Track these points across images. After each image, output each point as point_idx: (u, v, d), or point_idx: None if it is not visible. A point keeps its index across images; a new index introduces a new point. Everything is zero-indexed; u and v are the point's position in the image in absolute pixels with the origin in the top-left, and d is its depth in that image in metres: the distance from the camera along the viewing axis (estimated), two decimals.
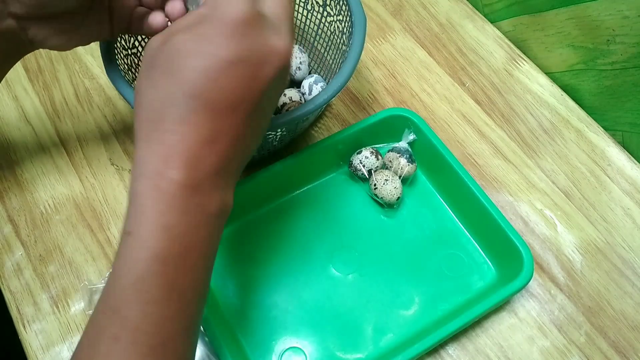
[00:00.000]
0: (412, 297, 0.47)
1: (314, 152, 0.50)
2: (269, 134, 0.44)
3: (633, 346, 0.47)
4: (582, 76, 0.58)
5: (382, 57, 0.62)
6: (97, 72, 0.60)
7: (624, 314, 0.48)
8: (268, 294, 0.47)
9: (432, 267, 0.49)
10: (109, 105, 0.57)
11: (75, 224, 0.51)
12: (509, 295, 0.44)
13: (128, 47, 0.50)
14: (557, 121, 0.57)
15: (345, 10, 0.49)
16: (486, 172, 0.54)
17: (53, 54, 0.60)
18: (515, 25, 0.62)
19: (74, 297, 0.47)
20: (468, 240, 0.50)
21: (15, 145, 0.55)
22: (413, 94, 0.59)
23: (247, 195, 0.48)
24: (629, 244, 0.51)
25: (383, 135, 0.52)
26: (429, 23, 0.64)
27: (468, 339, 0.46)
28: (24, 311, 0.47)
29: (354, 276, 0.48)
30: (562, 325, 0.47)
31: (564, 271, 0.50)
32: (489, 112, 0.58)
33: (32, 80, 0.59)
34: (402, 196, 0.50)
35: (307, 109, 0.42)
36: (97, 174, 0.54)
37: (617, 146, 0.56)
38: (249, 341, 0.45)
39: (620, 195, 0.53)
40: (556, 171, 0.55)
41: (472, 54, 0.62)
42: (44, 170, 0.54)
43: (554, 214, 0.52)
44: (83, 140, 0.55)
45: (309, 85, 0.53)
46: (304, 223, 0.51)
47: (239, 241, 0.50)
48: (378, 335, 0.46)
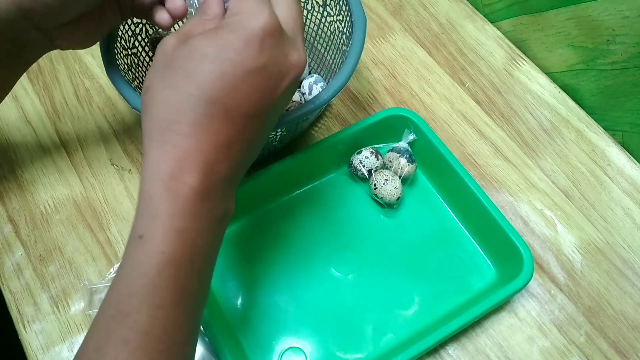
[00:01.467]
0: (412, 297, 0.47)
1: (314, 152, 0.50)
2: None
3: (633, 346, 0.47)
4: (582, 76, 0.58)
5: (382, 57, 0.62)
6: (97, 72, 0.60)
7: (624, 314, 0.48)
8: (268, 294, 0.47)
9: (432, 267, 0.49)
10: (109, 105, 0.57)
11: (75, 224, 0.51)
12: (509, 295, 0.44)
13: (128, 47, 0.50)
14: (557, 121, 0.57)
15: (345, 10, 0.49)
16: (486, 172, 0.54)
17: (53, 54, 0.60)
18: (515, 25, 0.62)
19: (74, 297, 0.47)
20: (468, 240, 0.50)
21: (15, 145, 0.55)
22: (413, 94, 0.59)
23: (247, 196, 0.48)
24: (629, 244, 0.51)
25: (383, 135, 0.52)
26: (429, 23, 0.64)
27: (468, 339, 0.46)
28: (24, 311, 0.47)
29: (354, 276, 0.48)
30: (562, 325, 0.47)
31: (564, 271, 0.50)
32: (489, 112, 0.58)
33: (32, 80, 0.59)
34: (402, 196, 0.50)
35: (307, 109, 0.43)
36: (97, 174, 0.54)
37: (617, 146, 0.56)
38: (249, 341, 0.45)
39: (620, 195, 0.53)
40: (556, 171, 0.55)
41: (472, 54, 0.62)
42: (44, 171, 0.54)
43: (554, 214, 0.52)
44: (83, 140, 0.55)
45: (309, 85, 0.53)
46: (304, 223, 0.51)
47: (239, 241, 0.50)
48: (378, 335, 0.46)
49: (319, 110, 0.44)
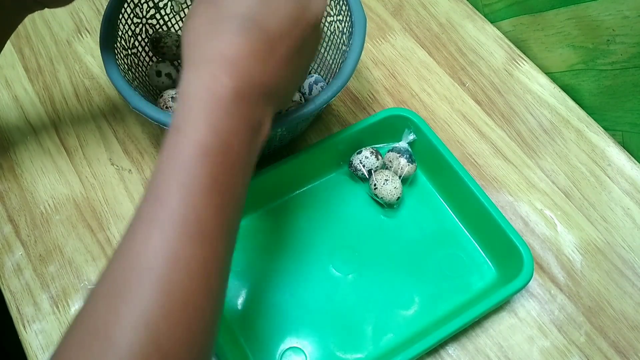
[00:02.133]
0: (412, 297, 0.47)
1: (314, 152, 0.50)
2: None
3: (633, 346, 0.47)
4: (582, 76, 0.58)
5: (382, 57, 0.62)
6: (97, 72, 0.60)
7: (624, 314, 0.48)
8: (268, 294, 0.47)
9: (432, 267, 0.49)
10: (109, 105, 0.57)
11: (75, 224, 0.51)
12: (509, 295, 0.44)
13: (128, 47, 0.50)
14: (557, 121, 0.57)
15: (345, 10, 0.49)
16: (486, 172, 0.54)
17: (53, 54, 0.60)
18: (515, 25, 0.62)
19: (74, 297, 0.47)
20: (468, 240, 0.50)
21: (15, 145, 0.55)
22: (413, 94, 0.59)
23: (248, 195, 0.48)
24: (629, 244, 0.51)
25: (383, 135, 0.52)
26: (429, 23, 0.64)
27: (468, 339, 0.46)
28: (24, 311, 0.47)
29: (354, 276, 0.48)
30: (562, 325, 0.47)
31: (564, 271, 0.50)
32: (489, 112, 0.58)
33: (32, 80, 0.59)
34: (402, 196, 0.50)
35: (307, 109, 0.43)
36: (97, 174, 0.54)
37: (617, 146, 0.56)
38: (249, 341, 0.45)
39: (620, 195, 0.53)
40: (556, 171, 0.55)
41: (472, 54, 0.62)
42: (44, 170, 0.54)
43: (554, 214, 0.52)
44: (83, 140, 0.55)
45: (309, 85, 0.53)
46: (304, 223, 0.51)
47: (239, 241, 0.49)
48: (378, 335, 0.46)
49: (319, 110, 0.44)
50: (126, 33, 0.49)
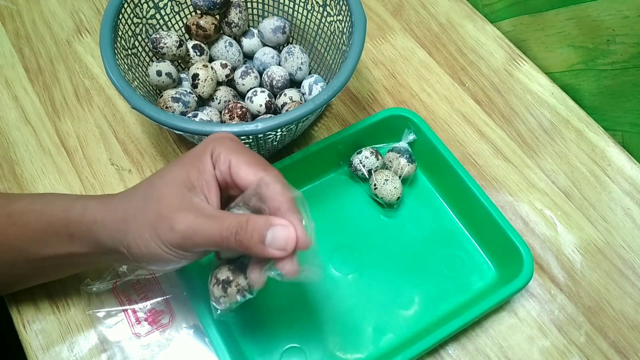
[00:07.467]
0: (412, 297, 0.47)
1: (314, 152, 0.50)
2: (268, 134, 0.44)
3: (633, 346, 0.47)
4: (582, 76, 0.58)
5: (382, 57, 0.62)
6: (97, 72, 0.60)
7: (624, 314, 0.48)
8: (268, 294, 0.47)
9: (432, 267, 0.49)
10: (109, 105, 0.57)
11: None
12: (509, 295, 0.44)
13: (128, 47, 0.50)
14: (557, 121, 0.57)
15: (345, 10, 0.49)
16: (486, 172, 0.54)
17: (53, 54, 0.60)
18: (515, 25, 0.62)
19: (74, 297, 0.47)
20: (468, 240, 0.50)
21: (15, 145, 0.55)
22: (413, 94, 0.59)
23: None
24: (629, 244, 0.51)
25: (383, 135, 0.52)
26: (429, 23, 0.64)
27: (468, 339, 0.46)
28: (24, 311, 0.47)
29: (354, 276, 0.48)
30: (562, 325, 0.47)
31: (564, 271, 0.50)
32: (489, 112, 0.58)
33: (32, 80, 0.59)
34: (402, 196, 0.50)
35: (307, 109, 0.42)
36: (97, 174, 0.54)
37: (617, 146, 0.56)
38: (249, 341, 0.45)
39: (620, 195, 0.53)
40: (556, 171, 0.55)
41: (472, 54, 0.62)
42: (44, 170, 0.54)
43: (554, 214, 0.52)
44: (83, 140, 0.55)
45: (309, 85, 0.53)
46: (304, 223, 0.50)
47: None
48: (378, 335, 0.46)
49: (319, 110, 0.44)
50: (126, 33, 0.49)
